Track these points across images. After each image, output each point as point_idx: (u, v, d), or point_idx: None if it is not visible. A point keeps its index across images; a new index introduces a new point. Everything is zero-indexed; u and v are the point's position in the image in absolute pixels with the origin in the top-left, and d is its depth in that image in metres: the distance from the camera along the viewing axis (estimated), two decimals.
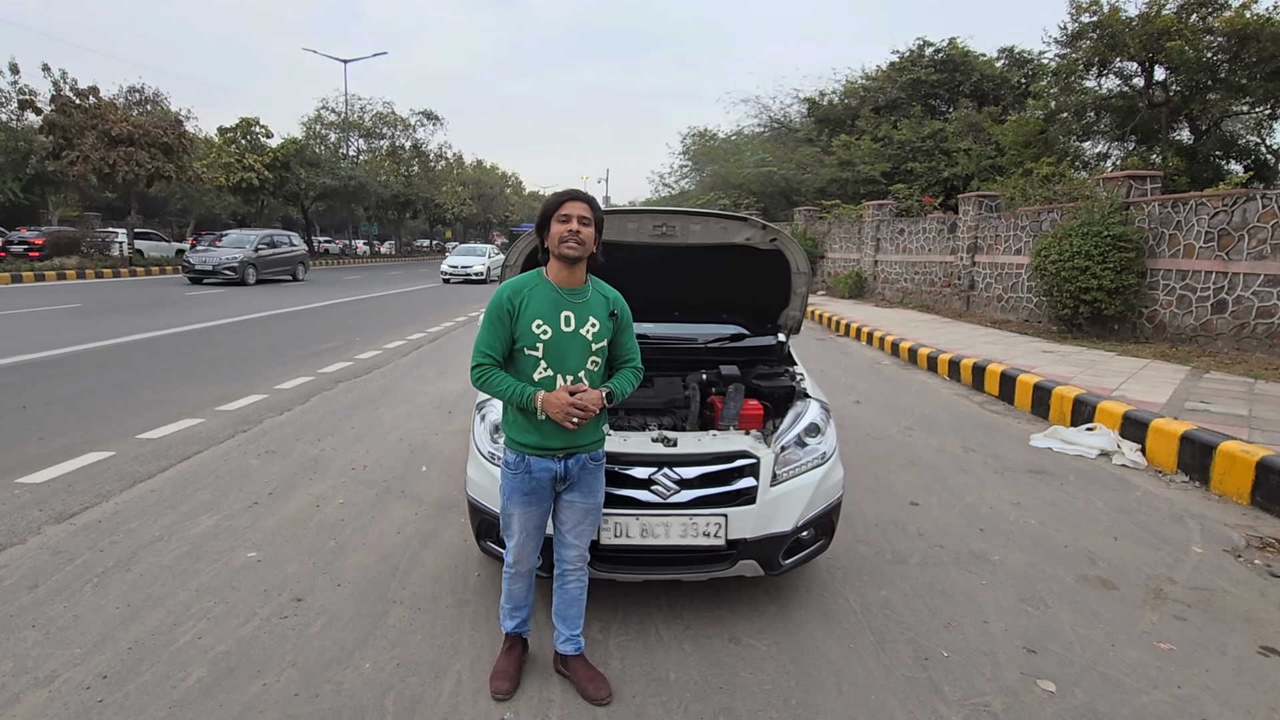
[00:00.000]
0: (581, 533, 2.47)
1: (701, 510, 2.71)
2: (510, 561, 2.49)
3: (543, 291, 2.34)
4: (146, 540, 3.48)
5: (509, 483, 2.39)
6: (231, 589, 3.04)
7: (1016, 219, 12.34)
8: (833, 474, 3.02)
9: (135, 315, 12.00)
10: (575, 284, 2.36)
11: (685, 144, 37.44)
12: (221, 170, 29.33)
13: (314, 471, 4.55)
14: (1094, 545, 3.74)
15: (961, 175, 20.60)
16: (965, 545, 3.73)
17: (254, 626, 2.76)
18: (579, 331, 2.33)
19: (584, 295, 2.38)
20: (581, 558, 2.49)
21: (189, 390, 6.61)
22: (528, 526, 2.42)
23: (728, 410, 3.24)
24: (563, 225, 2.29)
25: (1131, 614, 3.04)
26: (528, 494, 2.37)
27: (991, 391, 7.53)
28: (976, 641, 2.83)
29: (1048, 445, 5.63)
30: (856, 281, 17.85)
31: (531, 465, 2.35)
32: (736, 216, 3.26)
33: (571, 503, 2.44)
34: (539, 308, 2.32)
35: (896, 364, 9.51)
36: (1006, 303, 12.54)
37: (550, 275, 2.36)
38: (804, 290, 3.67)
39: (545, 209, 2.33)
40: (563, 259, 2.30)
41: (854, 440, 5.63)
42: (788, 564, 2.90)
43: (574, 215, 2.29)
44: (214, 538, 3.53)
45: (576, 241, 2.28)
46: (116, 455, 4.71)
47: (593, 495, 2.46)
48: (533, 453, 2.34)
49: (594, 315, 2.37)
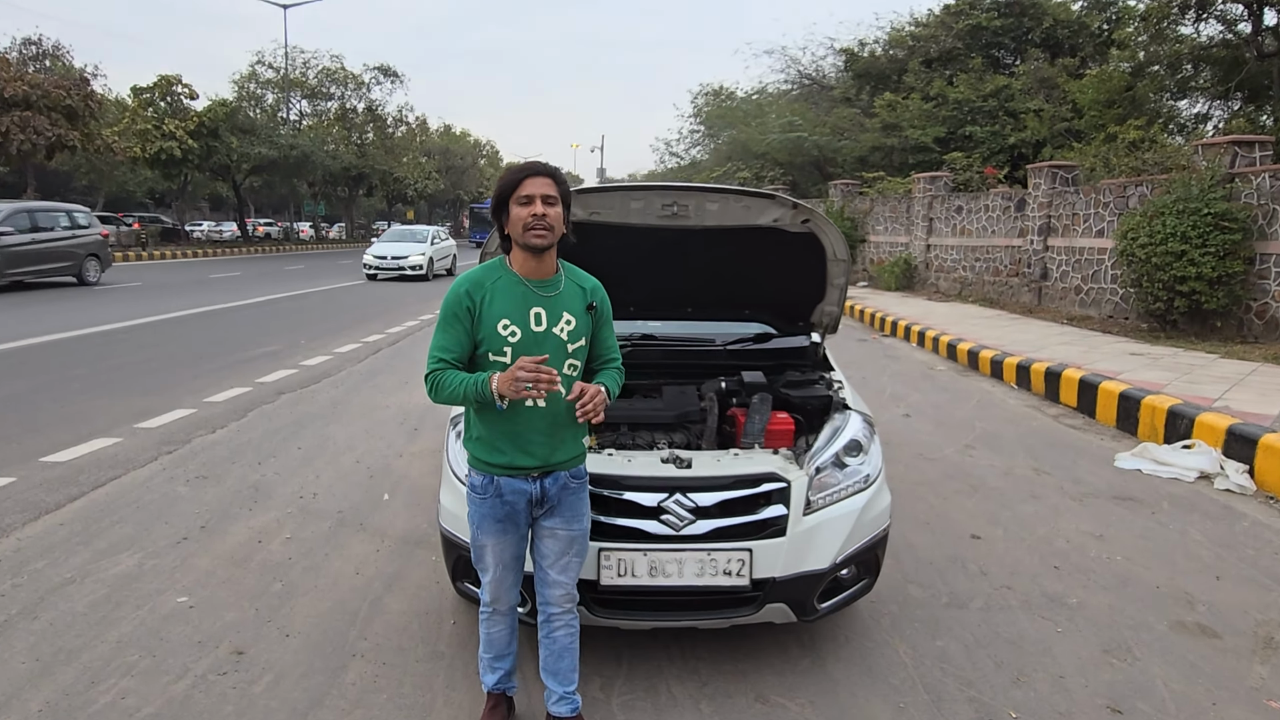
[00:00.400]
0: (567, 566, 2.49)
1: (721, 544, 2.76)
2: (487, 600, 2.53)
3: (507, 285, 2.36)
4: (57, 583, 3.53)
5: (477, 509, 2.44)
6: (159, 640, 3.08)
7: (1098, 194, 12.42)
8: (878, 501, 3.07)
9: (24, 312, 12.10)
10: (545, 274, 2.38)
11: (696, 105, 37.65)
12: (136, 139, 29.56)
13: (254, 501, 4.61)
14: (1192, 586, 3.78)
15: (1031, 141, 20.73)
16: (1037, 586, 3.78)
17: (187, 684, 2.81)
18: (552, 330, 2.36)
19: (556, 286, 2.39)
20: (569, 597, 2.52)
21: (100, 404, 6.68)
22: (504, 558, 2.46)
23: (751, 424, 3.29)
24: (524, 208, 2.28)
25: (1237, 667, 3.09)
26: (500, 521, 2.41)
27: (1068, 402, 7.58)
28: (1051, 700, 2.87)
29: (1136, 466, 5.68)
30: (905, 270, 17.93)
31: (502, 487, 2.38)
32: (761, 193, 3.32)
33: (552, 531, 2.47)
34: (504, 304, 2.33)
35: (953, 369, 9.57)
36: (1086, 295, 12.61)
37: (515, 266, 2.38)
38: (842, 281, 3.73)
39: (500, 189, 2.33)
40: (529, 248, 2.31)
41: (903, 461, 5.69)
42: (824, 608, 2.94)
43: (536, 195, 2.28)
44: (136, 579, 3.58)
45: (543, 228, 2.28)
46: (17, 482, 4.77)
47: (576, 520, 2.49)
48: (502, 473, 2.38)
49: (569, 310, 2.39)
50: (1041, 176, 13.77)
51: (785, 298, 4.00)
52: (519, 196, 2.30)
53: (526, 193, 2.29)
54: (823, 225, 3.45)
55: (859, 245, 20.37)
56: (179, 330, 11.17)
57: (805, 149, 25.88)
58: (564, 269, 2.44)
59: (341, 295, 17.15)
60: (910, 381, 8.69)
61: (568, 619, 2.53)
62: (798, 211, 3.37)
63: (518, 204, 2.30)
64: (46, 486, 4.70)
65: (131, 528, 4.16)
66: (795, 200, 3.31)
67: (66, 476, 4.88)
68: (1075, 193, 13.01)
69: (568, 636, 2.54)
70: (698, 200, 3.29)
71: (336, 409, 6.87)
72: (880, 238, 19.76)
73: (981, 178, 18.60)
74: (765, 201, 3.32)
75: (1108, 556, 4.14)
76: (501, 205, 2.34)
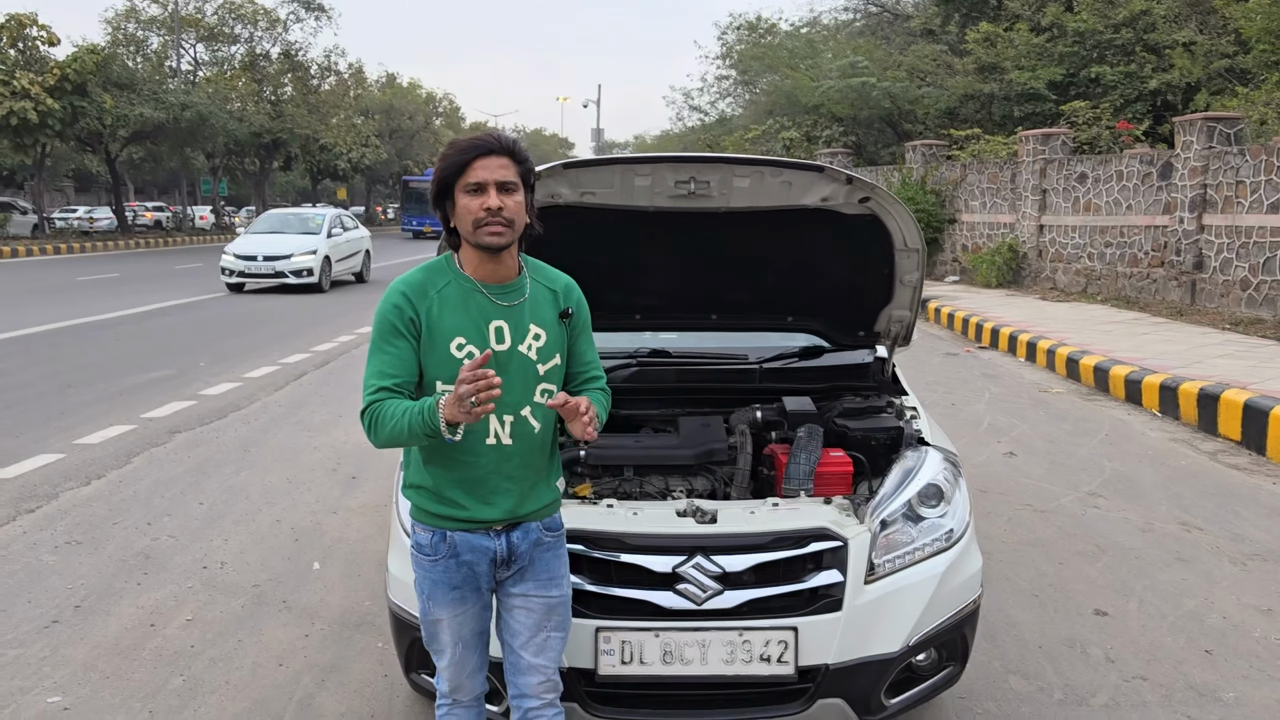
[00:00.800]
0: (545, 645, 2.59)
1: (757, 621, 2.87)
2: (445, 690, 2.65)
3: (458, 293, 2.43)
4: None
5: (426, 574, 2.53)
6: None
7: (1271, 155, 12.55)
8: (965, 564, 3.18)
9: None
10: (505, 277, 2.46)
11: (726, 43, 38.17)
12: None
13: (144, 572, 4.77)
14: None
15: (1179, 85, 20.91)
16: (1181, 676, 3.88)
17: None
18: (518, 349, 2.44)
19: (520, 292, 2.47)
20: (550, 685, 2.62)
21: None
22: (462, 635, 2.56)
23: (796, 466, 3.42)
24: (474, 199, 2.33)
25: None
26: (456, 587, 2.51)
27: (1229, 434, 7.68)
28: None
29: None
30: (1010, 260, 18.08)
31: (457, 545, 2.47)
32: (806, 165, 3.47)
33: (524, 599, 2.56)
34: (456, 319, 2.41)
35: (1075, 392, 9.69)
36: (1256, 291, 12.70)
37: (467, 268, 2.46)
38: (915, 277, 3.87)
39: (443, 173, 2.38)
40: (483, 249, 2.39)
41: (1005, 513, 5.80)
42: (895, 704, 3.04)
43: (489, 181, 2.32)
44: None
45: (500, 224, 2.33)
46: None
47: (555, 584, 2.59)
48: (457, 527, 2.48)
49: (536, 321, 2.47)
50: (1193, 133, 13.93)
51: (840, 301, 4.14)
52: (466, 184, 2.34)
53: (476, 179, 2.33)
54: (888, 205, 3.59)
55: (947, 227, 20.55)
56: (39, 351, 11.40)
57: (873, 99, 26.15)
58: (528, 267, 2.54)
59: (251, 303, 17.45)
60: (1016, 409, 8.81)
61: (551, 714, 2.62)
62: (854, 188, 3.51)
63: (465, 193, 2.34)
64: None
65: None
66: (850, 173, 3.46)
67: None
68: (1239, 154, 13.14)
69: None
70: (723, 174, 3.44)
71: (249, 452, 7.03)
72: (975, 217, 19.93)
73: (1113, 135, 18.75)
74: (811, 175, 3.47)
75: (1278, 638, 4.23)
76: (445, 193, 2.40)
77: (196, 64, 45.55)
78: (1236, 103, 16.84)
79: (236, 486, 6.20)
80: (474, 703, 2.69)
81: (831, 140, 28.02)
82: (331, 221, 21.15)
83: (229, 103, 41.30)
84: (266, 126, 43.30)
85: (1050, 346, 11.09)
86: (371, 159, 53.75)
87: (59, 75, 31.11)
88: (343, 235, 21.41)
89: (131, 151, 42.55)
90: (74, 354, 11.26)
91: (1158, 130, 20.00)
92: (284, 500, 5.94)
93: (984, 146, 20.71)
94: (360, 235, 22.66)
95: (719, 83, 42.40)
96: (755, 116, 34.59)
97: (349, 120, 51.85)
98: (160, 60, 42.72)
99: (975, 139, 21.39)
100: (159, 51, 43.33)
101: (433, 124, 70.15)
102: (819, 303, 4.18)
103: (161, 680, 3.73)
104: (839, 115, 28.19)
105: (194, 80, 43.28)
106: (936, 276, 20.77)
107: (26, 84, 30.15)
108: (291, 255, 19.29)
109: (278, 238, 20.00)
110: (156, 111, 34.38)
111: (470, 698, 2.67)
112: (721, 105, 43.61)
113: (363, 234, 22.94)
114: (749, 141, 30.21)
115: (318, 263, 19.53)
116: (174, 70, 42.02)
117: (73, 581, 4.65)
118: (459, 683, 2.63)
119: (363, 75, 56.74)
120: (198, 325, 14.13)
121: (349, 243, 21.64)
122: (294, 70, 46.29)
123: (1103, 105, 20.57)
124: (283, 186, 70.05)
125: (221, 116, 38.03)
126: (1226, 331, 11.80)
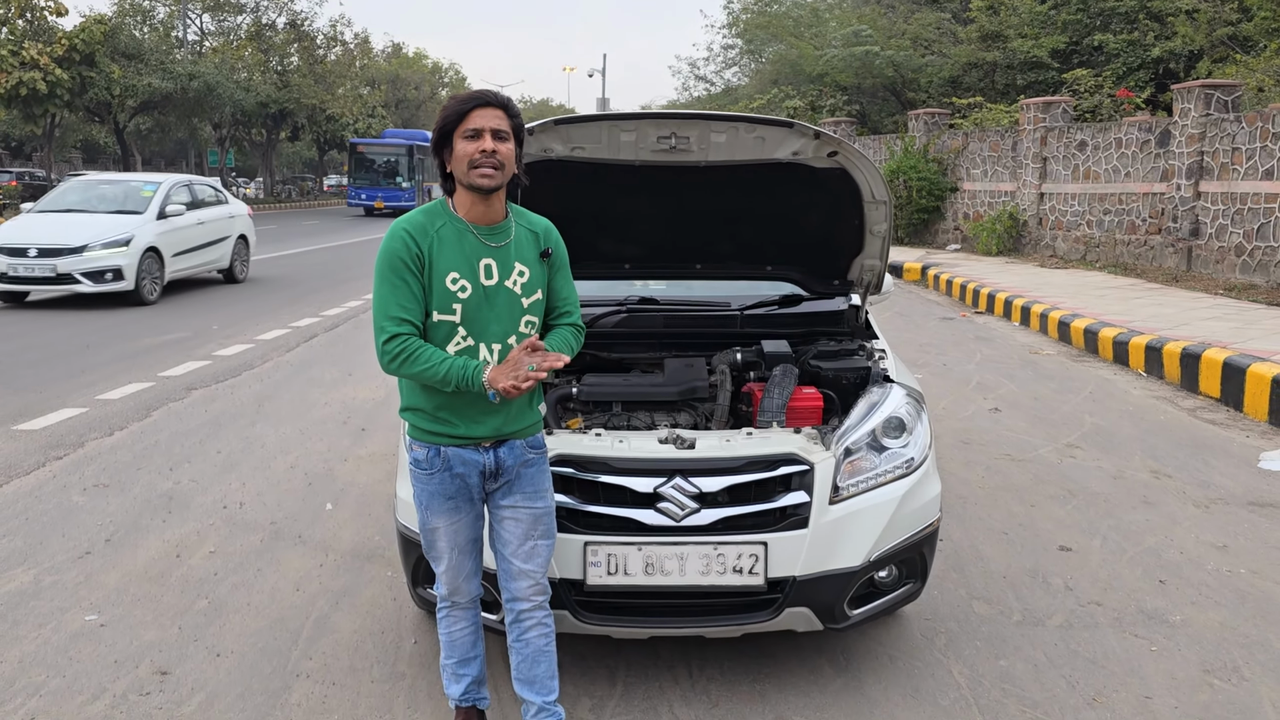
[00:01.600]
0: (533, 552, 2.87)
1: (730, 536, 3.15)
2: (444, 593, 2.94)
3: (452, 233, 2.71)
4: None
5: (424, 487, 2.82)
6: (68, 660, 3.55)
7: (1266, 122, 12.69)
8: (923, 489, 3.46)
9: None
10: (494, 219, 2.77)
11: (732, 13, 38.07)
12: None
13: (167, 511, 5.10)
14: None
15: (1182, 54, 20.96)
16: (1134, 602, 4.16)
17: (105, 705, 3.26)
18: (504, 284, 2.74)
19: (506, 234, 2.78)
20: (538, 589, 2.91)
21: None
22: (458, 541, 2.86)
23: (770, 400, 3.69)
24: (471, 143, 2.63)
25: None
26: (451, 498, 2.81)
27: (1210, 391, 7.93)
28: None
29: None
30: (1010, 228, 18.25)
31: (450, 459, 2.77)
32: (777, 121, 3.70)
33: (513, 510, 2.86)
34: (451, 256, 2.69)
35: (1065, 353, 9.95)
36: (1250, 257, 12.89)
37: (460, 210, 2.75)
38: (884, 228, 4.12)
39: (443, 121, 2.68)
40: (476, 190, 2.69)
41: (983, 463, 6.08)
42: (857, 615, 3.34)
43: (485, 129, 2.62)
44: (34, 597, 4.06)
45: (492, 166, 2.63)
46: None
47: (539, 496, 2.89)
48: (450, 443, 2.77)
49: (521, 259, 2.77)
50: (1191, 100, 14.04)
51: (815, 251, 4.41)
52: (465, 130, 2.64)
53: (474, 126, 2.63)
54: (855, 159, 3.84)
55: (948, 195, 20.70)
56: (56, 315, 11.73)
57: (877, 68, 26.23)
58: (513, 213, 2.86)
59: (261, 268, 17.67)
60: (1005, 369, 9.08)
61: (540, 615, 2.93)
62: (822, 142, 3.75)
63: (463, 138, 2.64)
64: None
65: (21, 541, 4.65)
66: (818, 129, 3.70)
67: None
68: (1236, 121, 13.27)
69: (541, 638, 2.94)
70: (701, 131, 3.69)
71: (263, 407, 7.35)
72: (976, 185, 20.07)
73: (1114, 103, 18.84)
74: (782, 131, 3.71)
75: (1229, 570, 4.51)
76: (445, 139, 2.70)
77: (203, 34, 45.66)
78: (1236, 70, 16.92)
79: (252, 437, 6.51)
80: (470, 605, 2.98)
81: (835, 109, 28.07)
82: (169, 193, 14.19)
83: (235, 73, 41.40)
84: (273, 97, 43.38)
85: (1043, 310, 11.31)
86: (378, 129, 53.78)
87: (67, 46, 31.26)
88: (187, 216, 14.33)
89: (139, 122, 42.65)
90: (90, 318, 11.56)
91: (1159, 99, 20.07)
92: (297, 449, 6.24)
93: (986, 115, 20.80)
94: (227, 215, 15.65)
95: (724, 52, 42.36)
96: (760, 86, 34.62)
97: (355, 90, 51.80)
98: (167, 30, 42.81)
99: (978, 108, 21.49)
100: (165, 22, 43.41)
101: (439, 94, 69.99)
102: (795, 253, 4.44)
103: (188, 602, 4.05)
104: (843, 84, 28.24)
105: (200, 51, 43.39)
106: (938, 245, 20.96)
107: (35, 54, 30.30)
108: (86, 248, 12.54)
109: (70, 220, 13.33)
110: (164, 82, 34.56)
111: (466, 600, 2.96)
112: (727, 75, 43.59)
113: (232, 212, 15.90)
114: (754, 111, 30.26)
115: (132, 258, 12.78)
116: (181, 40, 42.14)
117: (102, 519, 4.96)
118: (456, 585, 2.92)
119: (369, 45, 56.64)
120: (209, 291, 14.41)
121: (202, 227, 14.72)
122: (300, 40, 46.28)
123: (1105, 73, 20.64)
124: (289, 157, 70.17)
125: (228, 86, 38.15)
126: (1219, 296, 12.00)
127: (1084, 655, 3.70)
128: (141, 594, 4.11)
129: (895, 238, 21.35)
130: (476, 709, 3.07)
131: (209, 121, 43.49)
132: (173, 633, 3.77)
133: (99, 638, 3.72)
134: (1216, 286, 12.70)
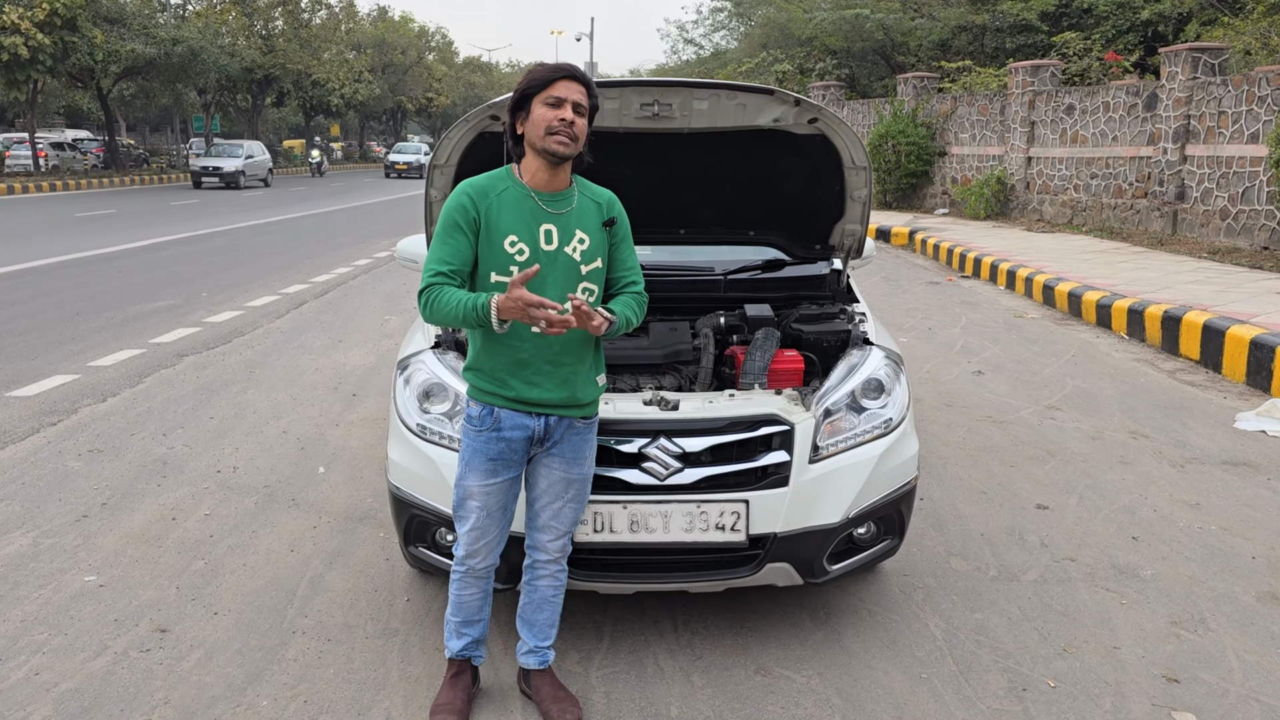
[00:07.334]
0: (562, 512, 3.00)
1: (713, 495, 3.25)
2: (462, 555, 3.02)
3: (515, 198, 2.80)
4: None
5: (470, 443, 2.92)
6: (69, 619, 3.64)
7: (1252, 85, 12.74)
8: (901, 448, 3.56)
9: None
10: (558, 188, 2.85)
11: None
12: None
13: (162, 475, 5.19)
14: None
15: (1171, 16, 20.93)
16: (1107, 557, 4.30)
17: (107, 661, 3.36)
18: (564, 250, 2.82)
19: (569, 202, 2.86)
20: (560, 546, 3.05)
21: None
22: (489, 505, 2.94)
23: (752, 363, 3.79)
24: (552, 110, 2.71)
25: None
26: (494, 460, 2.89)
27: (1189, 354, 8.06)
28: (1098, 670, 3.39)
29: (1260, 427, 6.17)
30: (998, 192, 18.31)
31: (501, 421, 2.87)
32: (757, 88, 3.77)
33: (549, 470, 2.96)
34: (512, 219, 2.78)
35: (1049, 316, 10.06)
36: (1234, 221, 13.00)
37: (525, 177, 2.83)
38: (864, 193, 4.20)
39: (528, 84, 2.76)
40: (549, 155, 2.75)
41: (964, 424, 6.20)
42: (836, 570, 3.45)
43: (568, 99, 2.72)
44: (33, 559, 4.15)
45: (569, 135, 2.71)
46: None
47: (579, 464, 2.99)
48: (504, 404, 2.87)
49: (582, 227, 2.86)
50: (1178, 63, 14.08)
51: (797, 216, 4.49)
52: (549, 96, 2.72)
53: (558, 94, 2.72)
54: (834, 126, 3.90)
55: (936, 160, 20.73)
56: (46, 282, 11.73)
57: (866, 31, 26.13)
58: (577, 183, 2.94)
59: (250, 235, 17.70)
60: (989, 332, 9.19)
61: (554, 569, 3.07)
62: (802, 109, 3.82)
63: (545, 104, 2.72)
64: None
65: (19, 506, 4.73)
66: (798, 96, 3.76)
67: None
68: (1223, 84, 13.31)
69: (550, 588, 3.08)
70: (683, 98, 3.75)
71: (254, 373, 7.43)
72: (965, 149, 20.11)
73: (1103, 66, 18.85)
74: (762, 98, 3.78)
75: (1200, 527, 4.65)
76: (522, 104, 2.77)
77: (186, 0, 45.07)
78: (1223, 33, 16.93)
79: (244, 403, 6.58)
80: (485, 573, 3.05)
81: (825, 73, 27.98)
82: None
83: (220, 37, 40.93)
84: (258, 62, 42.99)
85: (1029, 274, 11.41)
86: (364, 94, 53.29)
87: (48, 10, 30.81)
88: None
89: (122, 87, 42.21)
90: (80, 285, 11.56)
91: (1148, 62, 20.08)
92: (289, 414, 6.32)
93: (975, 79, 20.80)
94: None
95: (714, 15, 42.13)
96: (749, 50, 34.44)
97: (341, 55, 51.33)
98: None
99: (967, 71, 21.48)
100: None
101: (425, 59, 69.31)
102: (778, 218, 4.52)
103: (185, 563, 4.14)
104: (832, 48, 28.13)
105: (184, 15, 42.83)
106: (926, 209, 21.02)
107: (16, 19, 29.93)
108: None
109: None
110: (147, 47, 34.15)
111: (483, 566, 3.03)
112: (716, 38, 43.35)
113: None
114: (742, 75, 30.11)
115: None
116: (164, 5, 41.56)
117: (98, 483, 5.04)
118: (475, 549, 2.99)
119: (354, 9, 56.00)
120: (198, 259, 14.42)
121: None
122: (284, 4, 45.77)
123: (1094, 36, 20.62)
124: (275, 123, 69.54)
125: (213, 51, 37.73)
126: (1203, 260, 12.11)
127: (1056, 608, 3.83)
128: (139, 556, 4.20)
129: (884, 202, 21.42)
130: (469, 662, 3.17)
131: (194, 87, 43.04)
132: (170, 592, 3.87)
133: (98, 597, 3.81)
134: (1201, 250, 12.81)
